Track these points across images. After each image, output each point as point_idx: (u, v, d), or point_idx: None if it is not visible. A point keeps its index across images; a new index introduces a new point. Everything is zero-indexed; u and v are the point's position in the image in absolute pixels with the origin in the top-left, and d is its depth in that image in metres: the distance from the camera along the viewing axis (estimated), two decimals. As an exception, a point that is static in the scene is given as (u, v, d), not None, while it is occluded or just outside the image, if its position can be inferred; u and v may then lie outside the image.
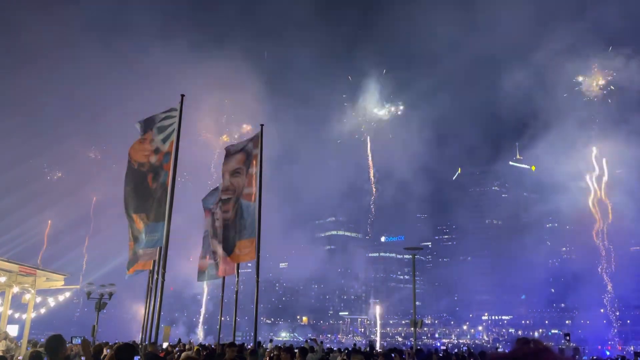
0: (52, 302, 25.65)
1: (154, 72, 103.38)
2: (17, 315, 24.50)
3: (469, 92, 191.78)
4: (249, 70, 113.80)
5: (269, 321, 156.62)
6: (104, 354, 12.51)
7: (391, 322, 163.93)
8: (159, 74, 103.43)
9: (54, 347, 6.59)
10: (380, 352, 23.53)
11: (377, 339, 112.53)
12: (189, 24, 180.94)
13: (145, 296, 14.05)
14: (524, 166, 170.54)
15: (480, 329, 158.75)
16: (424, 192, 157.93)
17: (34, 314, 23.58)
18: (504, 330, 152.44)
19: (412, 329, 29.59)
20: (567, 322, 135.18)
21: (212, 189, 17.33)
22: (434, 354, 19.75)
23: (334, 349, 26.32)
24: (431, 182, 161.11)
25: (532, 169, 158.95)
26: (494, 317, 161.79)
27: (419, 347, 26.84)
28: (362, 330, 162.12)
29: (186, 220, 48.97)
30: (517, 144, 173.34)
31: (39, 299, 24.34)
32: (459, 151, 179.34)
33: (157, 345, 14.13)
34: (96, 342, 21.25)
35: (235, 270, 15.41)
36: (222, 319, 17.48)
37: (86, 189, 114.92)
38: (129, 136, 17.57)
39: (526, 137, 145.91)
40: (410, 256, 30.76)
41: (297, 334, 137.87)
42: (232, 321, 16.51)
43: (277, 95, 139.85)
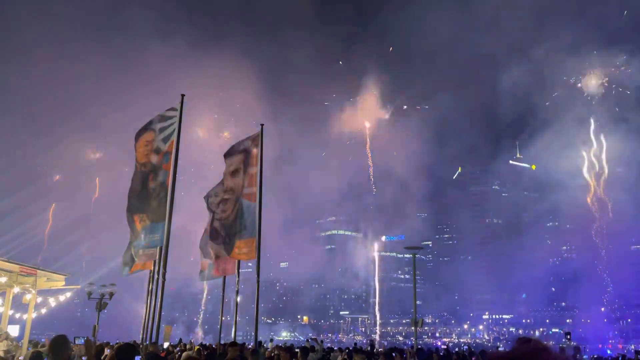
0: (52, 302, 25.67)
1: (152, 70, 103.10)
2: (17, 315, 24.51)
3: (469, 91, 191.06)
4: (248, 68, 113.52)
5: (269, 321, 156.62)
6: (104, 354, 12.52)
7: (392, 321, 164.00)
8: (157, 73, 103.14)
9: (58, 347, 6.56)
10: (381, 351, 23.54)
11: (377, 338, 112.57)
12: (186, 22, 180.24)
13: (145, 296, 14.06)
14: (524, 165, 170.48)
15: (481, 328, 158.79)
16: (424, 191, 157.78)
17: (34, 314, 23.61)
18: (504, 329, 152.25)
19: (413, 328, 29.56)
20: (567, 320, 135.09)
21: (215, 185, 16.93)
22: (435, 353, 19.74)
23: (335, 348, 26.32)
24: (431, 181, 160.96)
25: (533, 168, 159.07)
26: (494, 316, 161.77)
27: (419, 347, 26.84)
28: (363, 329, 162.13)
29: (186, 219, 48.92)
30: (517, 142, 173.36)
31: (39, 299, 24.36)
32: (459, 150, 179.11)
33: (158, 345, 14.13)
34: (97, 342, 21.24)
35: (235, 269, 15.41)
36: (222, 318, 17.49)
37: (86, 189, 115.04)
38: (128, 135, 17.49)
39: (526, 135, 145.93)
40: (410, 255, 30.72)
41: (297, 334, 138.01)
42: (233, 321, 16.53)
43: (276, 94, 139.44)
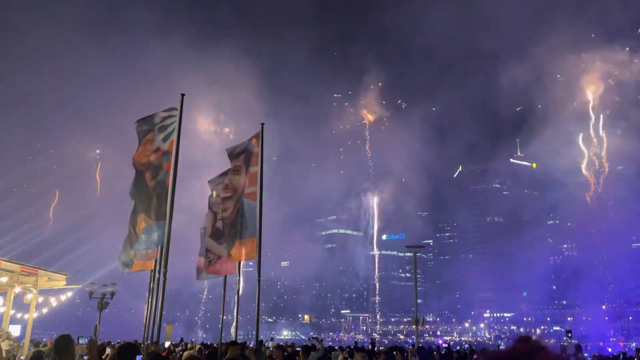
0: (54, 302, 25.65)
1: (151, 69, 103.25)
2: (19, 315, 24.50)
3: (469, 89, 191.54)
4: (247, 67, 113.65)
5: (270, 320, 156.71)
6: (106, 353, 12.54)
7: (393, 320, 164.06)
8: (155, 71, 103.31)
9: (62, 347, 6.52)
10: (382, 349, 23.51)
11: (377, 337, 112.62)
12: (185, 21, 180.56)
13: (146, 295, 14.08)
14: (524, 163, 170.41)
15: (482, 326, 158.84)
16: (425, 190, 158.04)
17: (36, 314, 23.61)
18: (505, 327, 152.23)
19: (414, 327, 29.58)
20: (568, 318, 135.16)
21: (219, 174, 16.17)
22: (436, 352, 19.75)
23: (336, 347, 26.31)
24: (432, 179, 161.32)
25: (533, 166, 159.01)
26: (495, 315, 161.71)
27: (420, 345, 26.86)
28: (364, 328, 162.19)
29: (186, 218, 48.85)
30: (517, 140, 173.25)
31: (40, 299, 24.35)
32: (460, 149, 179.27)
33: (159, 344, 14.14)
34: (98, 341, 21.24)
35: (236, 269, 15.40)
36: (223, 317, 17.49)
37: (86, 189, 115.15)
38: (128, 134, 17.42)
39: (526, 133, 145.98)
40: (411, 254, 30.70)
41: (298, 332, 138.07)
42: (234, 320, 16.53)
43: (275, 92, 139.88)
